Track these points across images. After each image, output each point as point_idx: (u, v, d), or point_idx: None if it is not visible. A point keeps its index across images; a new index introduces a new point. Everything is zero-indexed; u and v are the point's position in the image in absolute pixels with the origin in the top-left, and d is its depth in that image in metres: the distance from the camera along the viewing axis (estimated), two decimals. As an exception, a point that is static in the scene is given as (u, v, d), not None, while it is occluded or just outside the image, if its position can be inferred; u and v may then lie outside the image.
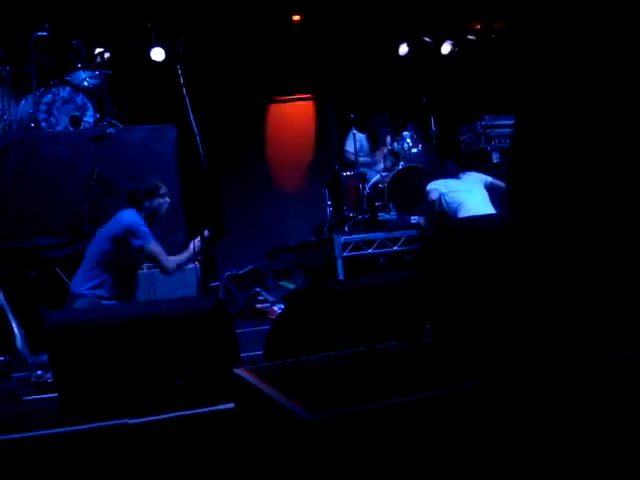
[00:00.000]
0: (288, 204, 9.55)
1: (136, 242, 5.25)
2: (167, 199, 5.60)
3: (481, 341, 2.24)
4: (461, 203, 6.76)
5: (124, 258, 5.31)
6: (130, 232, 5.27)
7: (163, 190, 5.55)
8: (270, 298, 7.14)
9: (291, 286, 7.81)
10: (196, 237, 5.67)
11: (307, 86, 9.43)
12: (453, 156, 8.15)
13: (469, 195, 6.82)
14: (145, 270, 6.45)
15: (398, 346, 2.75)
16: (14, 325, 5.04)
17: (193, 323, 3.28)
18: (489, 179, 7.13)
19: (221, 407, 3.00)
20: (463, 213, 6.70)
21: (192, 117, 6.42)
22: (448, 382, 2.00)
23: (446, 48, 10.10)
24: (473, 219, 5.09)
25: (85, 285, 5.24)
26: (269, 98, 9.48)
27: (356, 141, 7.92)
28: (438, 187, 6.97)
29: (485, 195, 6.89)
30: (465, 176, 7.13)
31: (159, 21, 8.70)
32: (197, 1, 8.69)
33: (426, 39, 10.03)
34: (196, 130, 6.16)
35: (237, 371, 2.53)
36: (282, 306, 6.50)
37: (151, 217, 5.50)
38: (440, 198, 6.89)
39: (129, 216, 5.39)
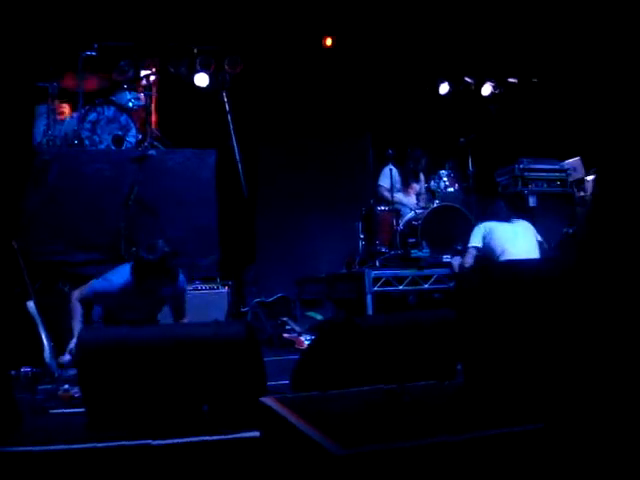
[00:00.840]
0: (320, 235, 9.55)
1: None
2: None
3: (514, 385, 2.22)
4: (505, 249, 6.46)
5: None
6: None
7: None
8: (297, 328, 7.12)
9: (319, 317, 7.79)
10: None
11: (346, 119, 9.48)
12: (504, 196, 8.00)
13: (516, 242, 6.53)
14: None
15: (428, 386, 2.74)
16: (44, 337, 5.08)
17: (223, 348, 3.29)
18: (539, 238, 6.83)
19: (246, 435, 2.99)
20: (506, 259, 6.39)
21: (235, 144, 6.48)
22: (479, 426, 1.99)
23: (487, 89, 10.13)
24: (512, 262, 5.03)
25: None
26: (307, 130, 9.53)
27: (390, 177, 7.94)
28: (483, 228, 6.69)
29: (534, 245, 6.63)
30: (517, 222, 6.82)
31: (205, 47, 8.85)
32: (241, 31, 8.83)
33: (467, 79, 10.07)
34: (238, 157, 6.21)
35: (265, 400, 2.53)
36: (309, 337, 6.48)
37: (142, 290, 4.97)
38: (484, 239, 6.62)
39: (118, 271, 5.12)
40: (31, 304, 5.24)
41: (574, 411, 1.97)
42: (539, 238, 6.82)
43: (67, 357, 4.83)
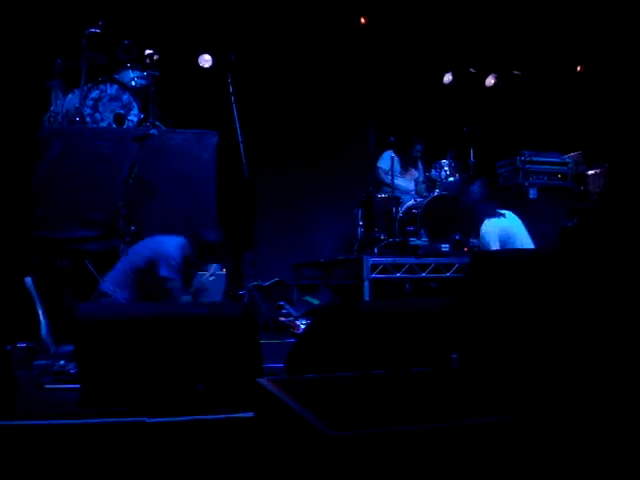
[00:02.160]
0: (319, 220, 9.56)
1: (163, 271, 5.31)
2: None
3: (509, 374, 2.23)
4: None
5: (152, 279, 5.36)
6: (165, 260, 5.33)
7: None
8: (293, 312, 7.14)
9: (315, 302, 7.80)
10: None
11: (349, 106, 9.48)
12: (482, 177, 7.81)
13: (523, 240, 6.18)
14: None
15: (423, 372, 2.75)
16: (40, 313, 5.10)
17: (220, 328, 3.30)
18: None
19: (240, 415, 3.00)
20: None
21: (238, 125, 6.48)
22: (473, 413, 2.00)
23: (490, 81, 10.12)
24: (509, 252, 5.02)
25: (112, 286, 5.31)
26: (311, 114, 9.52)
27: (390, 162, 7.97)
28: (497, 231, 6.18)
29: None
30: (510, 216, 6.36)
31: (210, 28, 8.82)
32: (246, 13, 8.81)
33: (471, 70, 10.06)
34: (240, 138, 6.22)
35: (261, 381, 2.54)
36: (305, 321, 6.50)
37: (194, 261, 5.52)
38: (503, 245, 6.13)
39: (173, 245, 5.46)
40: (29, 280, 5.25)
41: (571, 401, 1.99)
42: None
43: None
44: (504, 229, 6.24)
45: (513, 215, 6.45)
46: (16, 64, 7.47)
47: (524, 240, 6.23)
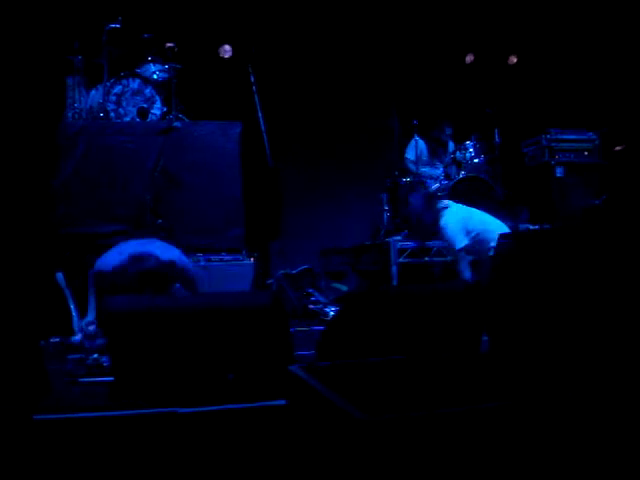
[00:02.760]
0: (345, 206, 9.55)
1: None
2: None
3: (540, 356, 2.22)
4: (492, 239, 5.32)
5: None
6: None
7: None
8: (322, 299, 7.15)
9: (344, 288, 7.81)
10: None
11: (372, 90, 9.44)
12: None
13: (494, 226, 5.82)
14: (202, 262, 6.48)
15: (453, 356, 2.74)
16: (72, 308, 5.15)
17: (250, 317, 3.31)
18: None
19: (272, 403, 3.01)
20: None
21: (260, 115, 6.50)
22: (502, 396, 1.99)
23: (512, 59, 10.02)
24: (538, 231, 4.96)
25: None
26: (333, 99, 9.50)
27: (417, 148, 7.92)
28: (457, 222, 5.80)
29: None
30: (452, 203, 6.12)
31: (229, 19, 8.82)
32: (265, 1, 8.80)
33: (493, 49, 9.97)
34: (263, 128, 6.24)
35: (293, 369, 2.55)
36: (334, 308, 6.51)
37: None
38: (470, 234, 5.77)
39: None
40: (60, 275, 5.32)
41: (603, 386, 1.97)
42: None
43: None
44: (461, 214, 5.98)
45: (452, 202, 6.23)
46: (37, 62, 7.53)
47: (484, 215, 5.98)
